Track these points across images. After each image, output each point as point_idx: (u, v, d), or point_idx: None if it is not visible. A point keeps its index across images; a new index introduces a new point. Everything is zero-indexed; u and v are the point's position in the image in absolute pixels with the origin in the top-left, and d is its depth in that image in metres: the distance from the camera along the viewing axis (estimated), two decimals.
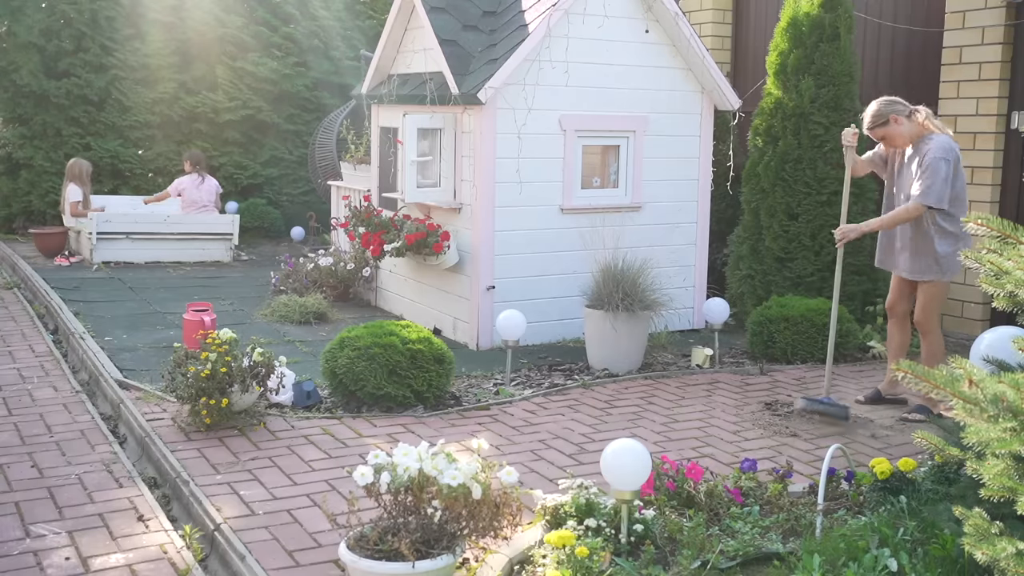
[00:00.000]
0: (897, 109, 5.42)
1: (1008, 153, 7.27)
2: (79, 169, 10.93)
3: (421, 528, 3.27)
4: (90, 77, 12.12)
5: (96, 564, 3.69)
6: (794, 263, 7.49)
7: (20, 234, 12.26)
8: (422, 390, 5.50)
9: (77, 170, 10.91)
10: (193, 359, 5.14)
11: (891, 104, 5.46)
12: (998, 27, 7.18)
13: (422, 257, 7.29)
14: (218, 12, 12.71)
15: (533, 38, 6.76)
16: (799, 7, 7.56)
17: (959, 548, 2.80)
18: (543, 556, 3.47)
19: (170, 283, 9.49)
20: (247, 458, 4.73)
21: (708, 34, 9.71)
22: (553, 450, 4.96)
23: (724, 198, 8.47)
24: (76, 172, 10.89)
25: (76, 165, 10.96)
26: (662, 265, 7.33)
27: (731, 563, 3.42)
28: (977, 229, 2.85)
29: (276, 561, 3.64)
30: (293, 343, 7.12)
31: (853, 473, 4.10)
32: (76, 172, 10.89)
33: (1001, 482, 2.56)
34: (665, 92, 7.50)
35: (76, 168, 10.93)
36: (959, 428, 2.85)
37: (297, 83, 13.01)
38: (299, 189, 13.03)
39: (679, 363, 6.81)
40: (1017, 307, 2.83)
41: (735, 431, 5.33)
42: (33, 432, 5.19)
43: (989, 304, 6.20)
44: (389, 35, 7.88)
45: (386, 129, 8.08)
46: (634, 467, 3.50)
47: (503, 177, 6.93)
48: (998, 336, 4.18)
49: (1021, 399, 2.65)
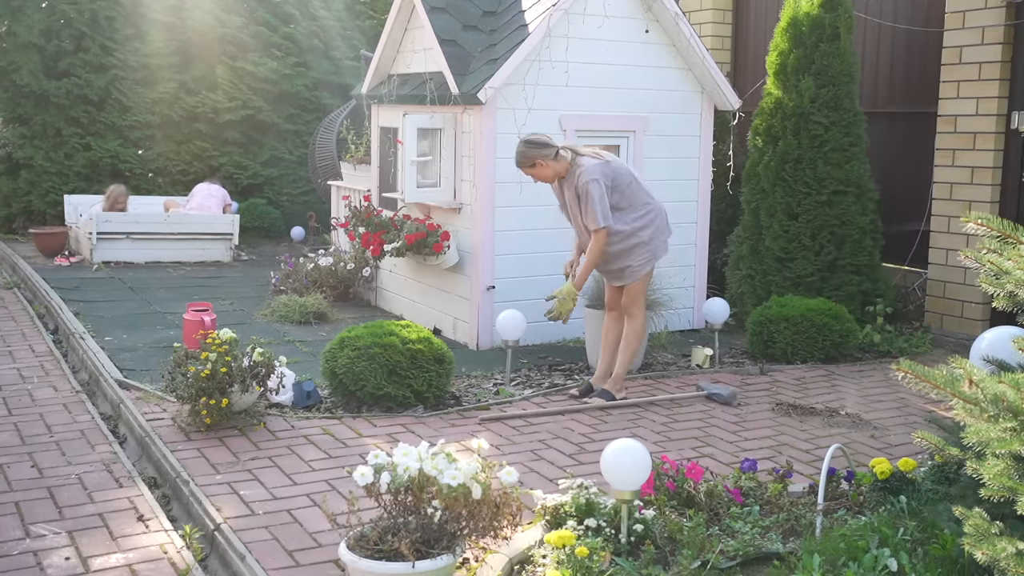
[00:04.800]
0: (544, 153, 5.56)
1: (1008, 153, 7.27)
2: (116, 196, 10.88)
3: (421, 528, 3.27)
4: (90, 77, 12.12)
5: (96, 564, 3.69)
6: (794, 263, 7.49)
7: (20, 234, 12.26)
8: (422, 390, 5.50)
9: (114, 198, 10.85)
10: (193, 359, 5.14)
11: (538, 148, 5.57)
12: (998, 27, 7.17)
13: (422, 257, 7.29)
14: (218, 12, 12.71)
15: (533, 38, 6.76)
16: (799, 7, 7.56)
17: (959, 548, 2.80)
18: (543, 556, 3.48)
19: (170, 283, 9.49)
20: (247, 458, 4.73)
21: (708, 34, 9.71)
22: (553, 450, 4.96)
23: (724, 198, 8.47)
24: (113, 200, 10.83)
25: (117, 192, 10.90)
26: (662, 265, 7.31)
27: (731, 563, 3.42)
28: (977, 229, 2.85)
29: (276, 561, 3.64)
30: (293, 343, 7.12)
31: (853, 473, 4.10)
32: (113, 200, 10.83)
33: (1001, 482, 2.56)
34: (665, 92, 7.50)
35: (114, 196, 10.86)
36: (959, 428, 2.85)
37: (297, 83, 13.01)
38: (299, 189, 13.03)
39: (679, 363, 6.81)
40: (1017, 307, 2.83)
41: (735, 431, 5.34)
42: (33, 432, 5.19)
43: (989, 304, 6.20)
44: (389, 35, 7.88)
45: (386, 129, 8.08)
46: (634, 467, 3.50)
47: (503, 177, 6.93)
48: (998, 336, 4.17)
49: (1021, 399, 2.65)
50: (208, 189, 11.36)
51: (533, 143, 5.59)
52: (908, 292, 8.13)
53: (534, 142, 5.60)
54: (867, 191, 7.51)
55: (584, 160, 5.55)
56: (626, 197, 5.61)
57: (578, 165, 5.54)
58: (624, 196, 5.60)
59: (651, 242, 5.71)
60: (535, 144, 5.58)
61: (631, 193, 5.63)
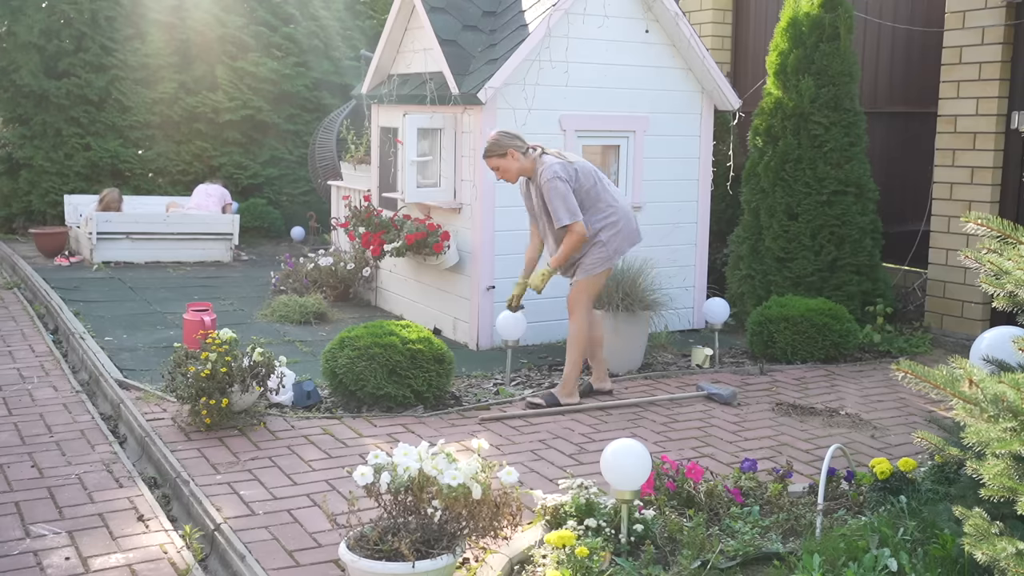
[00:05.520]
0: (516, 144, 5.55)
1: (1008, 153, 7.27)
2: (109, 201, 10.85)
3: (421, 528, 3.27)
4: (90, 77, 12.12)
5: (96, 564, 3.69)
6: (794, 263, 7.49)
7: (20, 234, 12.26)
8: (422, 390, 5.50)
9: (106, 204, 10.84)
10: (193, 359, 5.14)
11: (511, 138, 5.57)
12: (998, 27, 7.17)
13: (422, 257, 7.29)
14: (218, 12, 12.71)
15: (533, 38, 6.76)
16: (799, 7, 7.56)
17: (959, 548, 2.80)
18: (543, 556, 3.48)
19: (170, 283, 9.49)
20: (247, 458, 4.73)
21: (708, 34, 9.71)
22: (553, 450, 4.96)
23: (724, 198, 8.47)
24: (106, 203, 10.83)
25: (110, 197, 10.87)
26: (662, 265, 7.33)
27: (731, 563, 3.42)
28: (977, 229, 2.85)
29: (276, 561, 3.64)
30: (293, 343, 7.12)
31: (853, 473, 4.10)
32: (106, 203, 10.83)
33: (1001, 482, 2.56)
34: (665, 92, 7.50)
35: (107, 200, 10.84)
36: (959, 428, 2.85)
37: (297, 83, 13.01)
38: (299, 189, 13.03)
39: (679, 363, 6.81)
40: (1017, 307, 2.84)
41: (735, 431, 5.34)
42: (33, 432, 5.19)
43: (989, 304, 6.20)
44: (389, 35, 7.88)
45: (386, 129, 8.08)
46: (634, 467, 3.50)
47: None
48: (998, 336, 4.17)
49: (1021, 399, 2.65)
50: (206, 189, 11.36)
51: (508, 133, 5.60)
52: (908, 292, 8.14)
53: (509, 132, 5.62)
54: (867, 191, 7.51)
55: (547, 159, 5.52)
56: (590, 198, 5.56)
57: (542, 163, 5.52)
58: (588, 197, 5.56)
59: (608, 244, 5.60)
60: (509, 134, 5.59)
61: (595, 194, 5.58)
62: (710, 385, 6.02)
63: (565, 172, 5.45)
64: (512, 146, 5.53)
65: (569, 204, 5.42)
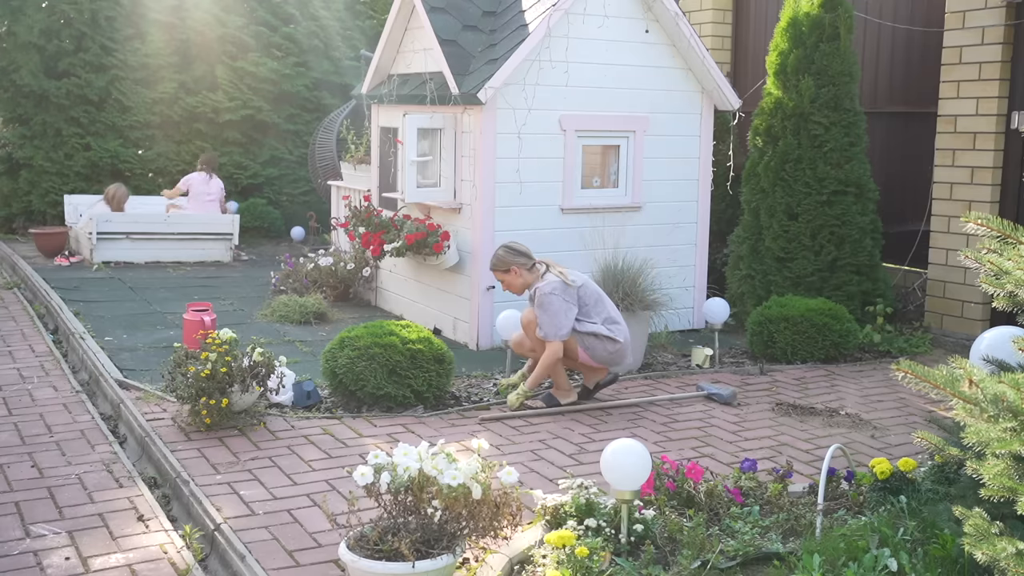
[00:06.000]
0: (520, 261, 5.59)
1: (1008, 153, 7.27)
2: (113, 195, 10.87)
3: (421, 528, 3.27)
4: (90, 77, 12.12)
5: (96, 564, 3.69)
6: (794, 263, 7.49)
7: (20, 234, 12.26)
8: (422, 390, 5.50)
9: (118, 196, 10.87)
10: (193, 359, 5.14)
11: (515, 255, 5.61)
12: (998, 27, 7.17)
13: (422, 257, 7.29)
14: (218, 12, 12.71)
15: (533, 38, 6.76)
16: (799, 7, 7.57)
17: (959, 548, 2.80)
18: (543, 556, 3.47)
19: (170, 283, 9.49)
20: (247, 458, 4.73)
21: (708, 34, 9.71)
22: (553, 450, 4.96)
23: (724, 198, 8.47)
24: (110, 198, 10.83)
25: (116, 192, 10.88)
26: (662, 265, 7.33)
27: (731, 563, 3.42)
28: (977, 229, 2.85)
29: (276, 561, 3.64)
30: (293, 343, 7.12)
31: (853, 473, 4.10)
32: (110, 198, 10.83)
33: (1001, 482, 2.56)
34: (665, 92, 7.50)
35: (117, 197, 10.86)
36: (959, 428, 2.85)
37: (297, 83, 13.01)
38: (299, 189, 13.03)
39: (679, 363, 6.81)
40: (1017, 307, 2.84)
41: (735, 431, 5.34)
42: (33, 432, 5.19)
43: (989, 304, 6.20)
44: (389, 35, 7.88)
45: (386, 129, 8.08)
46: (634, 467, 3.50)
47: (503, 177, 6.93)
48: (998, 336, 4.18)
49: (1021, 399, 2.65)
50: (206, 186, 11.31)
51: (513, 250, 5.63)
52: (908, 292, 8.14)
53: (514, 249, 5.64)
54: (867, 191, 7.51)
55: (550, 276, 5.53)
56: (595, 310, 5.60)
57: (543, 280, 5.53)
58: (594, 308, 5.59)
59: (596, 347, 5.55)
60: (514, 251, 5.62)
61: (601, 307, 5.62)
62: (710, 385, 6.02)
63: (564, 292, 5.46)
64: (515, 263, 5.58)
65: (557, 321, 5.42)
